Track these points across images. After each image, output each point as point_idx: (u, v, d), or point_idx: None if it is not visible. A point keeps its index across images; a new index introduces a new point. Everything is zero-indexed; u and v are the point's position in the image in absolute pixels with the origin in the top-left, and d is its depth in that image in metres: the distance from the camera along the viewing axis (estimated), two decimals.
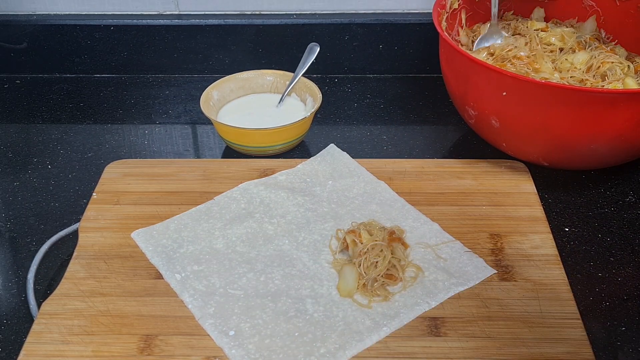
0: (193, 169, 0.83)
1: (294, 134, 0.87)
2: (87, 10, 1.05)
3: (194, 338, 0.62)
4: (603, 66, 0.84)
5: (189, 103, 1.01)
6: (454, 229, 0.73)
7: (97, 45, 1.05)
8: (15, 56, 1.06)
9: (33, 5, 1.05)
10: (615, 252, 0.73)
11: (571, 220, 0.78)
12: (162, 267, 0.69)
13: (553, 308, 0.64)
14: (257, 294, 0.66)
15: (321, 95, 0.89)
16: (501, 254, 0.70)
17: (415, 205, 0.77)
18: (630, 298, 0.68)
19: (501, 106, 0.76)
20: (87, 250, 0.71)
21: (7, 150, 0.92)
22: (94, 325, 0.63)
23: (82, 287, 0.67)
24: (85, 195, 0.81)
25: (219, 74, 0.96)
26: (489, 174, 0.81)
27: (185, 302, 0.65)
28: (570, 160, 0.80)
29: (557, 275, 0.68)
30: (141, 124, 0.97)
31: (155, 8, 1.05)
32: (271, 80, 0.95)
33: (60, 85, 1.06)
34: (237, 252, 0.71)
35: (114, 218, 0.75)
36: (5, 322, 0.67)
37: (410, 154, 0.89)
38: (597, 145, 0.75)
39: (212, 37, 1.04)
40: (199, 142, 0.94)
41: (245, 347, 0.61)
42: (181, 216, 0.75)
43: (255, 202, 0.77)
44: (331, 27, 1.02)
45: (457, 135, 0.93)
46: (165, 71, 1.08)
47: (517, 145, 0.81)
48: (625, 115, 0.71)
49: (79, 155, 0.90)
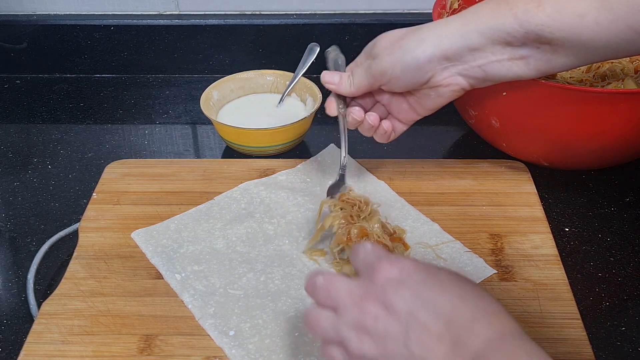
0: (193, 169, 0.83)
1: (294, 134, 0.87)
2: (87, 10, 1.05)
3: (194, 338, 0.62)
4: (603, 66, 0.84)
5: (189, 103, 1.01)
6: (454, 229, 0.73)
7: (97, 45, 1.05)
8: (15, 56, 1.06)
9: (33, 5, 1.05)
10: (615, 252, 0.73)
11: (571, 220, 0.78)
12: (162, 267, 0.69)
13: (553, 308, 0.64)
14: (257, 294, 0.66)
15: (321, 95, 0.89)
16: (501, 254, 0.70)
17: (415, 205, 0.77)
18: (630, 298, 0.68)
19: (501, 106, 0.76)
20: (87, 250, 0.71)
21: (7, 150, 0.92)
22: (94, 325, 0.63)
23: (82, 287, 0.67)
24: (85, 195, 0.81)
25: (219, 74, 0.96)
26: (489, 174, 0.81)
27: (185, 302, 0.65)
28: (570, 160, 0.80)
29: (557, 275, 0.68)
30: (141, 124, 0.97)
31: (155, 8, 1.05)
32: (271, 80, 0.95)
33: (60, 85, 1.06)
34: (237, 252, 0.71)
35: (114, 218, 0.75)
36: (5, 322, 0.67)
37: (410, 154, 0.89)
38: (597, 145, 0.75)
39: (212, 37, 1.04)
40: (199, 142, 0.94)
41: (245, 347, 0.61)
42: (181, 216, 0.75)
43: (256, 202, 0.77)
44: (331, 27, 1.02)
45: (457, 135, 0.93)
46: (165, 71, 1.08)
47: (517, 145, 0.81)
48: (625, 115, 0.71)
49: (79, 155, 0.90)
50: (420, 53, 0.65)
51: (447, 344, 0.45)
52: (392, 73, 0.66)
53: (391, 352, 0.47)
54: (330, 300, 0.50)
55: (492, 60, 0.64)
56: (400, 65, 0.65)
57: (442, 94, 0.68)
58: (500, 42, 0.62)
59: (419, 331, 0.46)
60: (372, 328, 0.48)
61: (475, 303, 0.47)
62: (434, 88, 0.67)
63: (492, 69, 0.65)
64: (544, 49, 0.62)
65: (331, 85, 0.72)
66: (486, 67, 0.65)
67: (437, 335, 0.46)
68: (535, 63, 0.63)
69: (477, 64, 0.64)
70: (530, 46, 0.62)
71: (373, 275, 0.50)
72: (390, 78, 0.67)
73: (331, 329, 0.50)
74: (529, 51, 0.63)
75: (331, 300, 0.50)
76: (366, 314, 0.48)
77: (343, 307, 0.50)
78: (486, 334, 0.45)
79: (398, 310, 0.47)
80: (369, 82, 0.69)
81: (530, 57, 0.63)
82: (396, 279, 0.49)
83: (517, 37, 0.61)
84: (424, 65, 0.65)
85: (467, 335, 0.45)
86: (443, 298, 0.47)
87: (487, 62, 0.64)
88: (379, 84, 0.69)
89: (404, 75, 0.66)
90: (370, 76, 0.68)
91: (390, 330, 0.47)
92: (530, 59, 0.63)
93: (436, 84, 0.67)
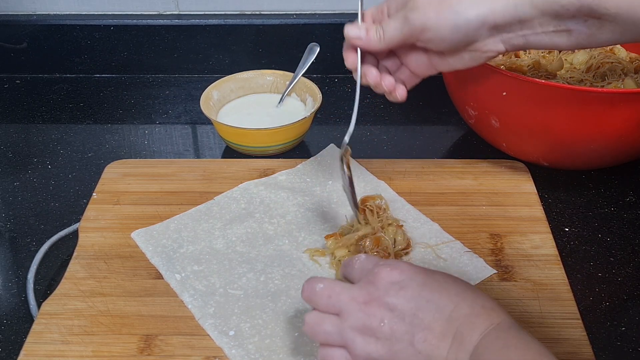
0: (193, 169, 0.83)
1: (294, 134, 0.87)
2: (87, 10, 1.05)
3: (194, 338, 0.62)
4: (603, 66, 0.84)
5: (189, 103, 1.01)
6: (454, 229, 0.73)
7: (97, 45, 1.05)
8: (15, 56, 1.06)
9: (33, 5, 1.05)
10: (615, 252, 0.73)
11: (571, 220, 0.78)
12: (162, 267, 0.69)
13: (553, 308, 0.64)
14: (257, 294, 0.66)
15: (321, 95, 0.89)
16: (501, 254, 0.70)
17: (415, 205, 0.77)
18: (630, 298, 0.68)
19: (501, 106, 0.76)
20: (87, 250, 0.71)
21: (7, 150, 0.92)
22: (94, 325, 0.63)
23: (82, 287, 0.67)
24: (85, 195, 0.81)
25: (219, 74, 0.96)
26: (489, 174, 0.81)
27: (185, 302, 0.65)
28: (570, 160, 0.80)
29: (557, 275, 0.68)
30: (141, 124, 0.97)
31: (155, 8, 1.05)
32: (271, 80, 0.95)
33: (60, 85, 1.06)
34: (237, 252, 0.71)
35: (114, 218, 0.75)
36: (5, 322, 0.67)
37: (410, 154, 0.89)
38: (597, 145, 0.75)
39: (212, 37, 1.04)
40: (199, 142, 0.94)
41: (245, 347, 0.61)
42: (181, 216, 0.75)
43: (255, 202, 0.77)
44: (331, 27, 1.02)
45: (457, 135, 0.93)
46: (165, 71, 1.08)
47: (517, 145, 0.81)
48: (625, 115, 0.71)
49: (79, 155, 0.90)
50: (474, 17, 0.59)
51: (450, 340, 0.48)
52: (436, 33, 0.60)
53: (398, 351, 0.49)
54: (332, 305, 0.52)
55: (537, 32, 0.61)
56: (449, 27, 0.60)
57: (476, 57, 0.64)
58: (551, 14, 0.60)
59: (423, 331, 0.49)
60: (378, 330, 0.50)
61: (473, 300, 0.50)
62: (472, 52, 0.63)
63: (535, 39, 0.62)
64: (591, 23, 0.59)
65: (358, 40, 0.64)
66: (530, 37, 0.62)
67: (440, 333, 0.49)
68: (577, 36, 0.61)
69: (522, 33, 0.61)
70: (578, 19, 0.59)
71: (374, 280, 0.51)
72: (432, 37, 0.61)
73: (335, 333, 0.51)
74: (575, 24, 0.60)
75: (333, 306, 0.52)
76: (371, 316, 0.50)
77: (347, 311, 0.51)
78: (484, 326, 0.48)
79: (402, 312, 0.50)
80: (404, 38, 0.62)
81: (575, 30, 0.60)
82: (398, 282, 0.51)
83: (570, 10, 0.59)
84: (473, 30, 0.60)
85: (467, 330, 0.48)
86: (443, 298, 0.50)
87: (532, 33, 0.61)
88: (414, 40, 0.62)
89: (451, 37, 0.61)
90: (407, 32, 0.61)
91: (397, 330, 0.49)
92: (574, 32, 0.60)
93: (476, 48, 0.63)
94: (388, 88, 0.67)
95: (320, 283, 0.53)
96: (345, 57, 0.67)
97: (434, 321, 0.49)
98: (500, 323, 0.49)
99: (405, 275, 0.51)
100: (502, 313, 0.50)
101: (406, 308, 0.50)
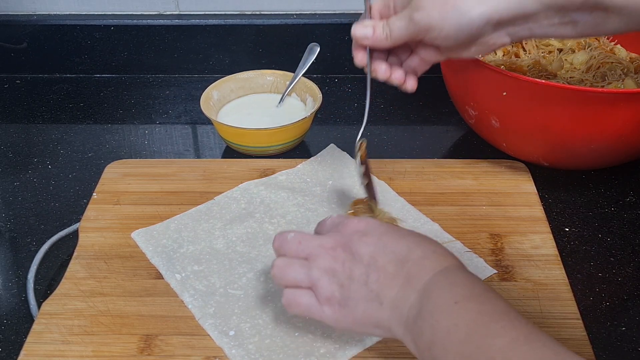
0: (193, 169, 0.83)
1: (294, 134, 0.87)
2: (87, 10, 1.05)
3: (194, 338, 0.62)
4: (603, 66, 0.84)
5: (189, 103, 1.01)
6: (454, 229, 0.73)
7: (97, 45, 1.05)
8: (15, 56, 1.06)
9: (33, 5, 1.05)
10: (615, 252, 0.73)
11: (571, 220, 0.78)
12: (162, 267, 0.69)
13: (553, 308, 0.64)
14: (258, 294, 0.66)
15: (321, 95, 0.89)
16: (501, 254, 0.70)
17: (415, 205, 0.77)
18: (630, 298, 0.68)
19: (501, 106, 0.76)
20: (87, 250, 0.71)
21: (7, 150, 0.92)
22: (94, 325, 0.63)
23: (82, 287, 0.67)
24: (85, 195, 0.81)
25: (219, 74, 0.96)
26: (489, 174, 0.81)
27: (185, 302, 0.65)
28: (570, 160, 0.80)
29: (557, 275, 0.68)
30: (141, 124, 0.97)
31: (155, 8, 1.05)
32: (271, 80, 0.95)
33: (60, 85, 1.06)
34: (237, 252, 0.71)
35: (114, 218, 0.75)
36: (5, 322, 0.67)
37: (410, 154, 0.89)
38: (597, 145, 0.75)
39: (212, 37, 1.04)
40: (199, 142, 0.94)
41: (245, 347, 0.61)
42: (181, 216, 0.75)
43: (256, 202, 0.77)
44: (331, 27, 1.02)
45: (457, 135, 0.93)
46: (165, 71, 1.08)
47: (517, 145, 0.81)
48: (625, 115, 0.71)
49: (79, 155, 0.90)
50: (478, 16, 0.60)
51: (402, 280, 0.53)
52: (440, 31, 0.61)
53: (354, 291, 0.54)
54: (302, 250, 0.56)
55: (542, 25, 0.62)
56: (454, 26, 0.61)
57: (482, 50, 0.65)
58: (556, 7, 0.60)
59: (377, 271, 0.53)
60: (340, 271, 0.54)
61: (426, 247, 0.55)
62: (478, 45, 0.64)
63: (541, 31, 0.62)
64: (597, 14, 0.59)
65: (365, 40, 0.65)
66: (535, 29, 0.62)
67: (392, 274, 0.53)
68: (583, 27, 0.61)
69: (527, 26, 0.62)
70: (584, 11, 0.60)
71: (342, 229, 0.57)
72: (437, 36, 0.62)
73: (304, 274, 0.55)
74: (580, 16, 0.60)
75: (302, 251, 0.56)
76: (336, 259, 0.55)
77: (315, 254, 0.56)
78: (434, 267, 0.52)
79: (361, 255, 0.54)
80: (410, 35, 0.63)
81: (580, 21, 0.61)
82: (362, 230, 0.56)
83: (575, 3, 0.59)
84: (478, 28, 0.61)
85: (418, 270, 0.53)
86: (400, 244, 0.54)
87: (538, 26, 0.62)
88: (421, 37, 0.63)
89: (456, 36, 0.62)
90: (413, 30, 0.63)
91: (355, 272, 0.54)
92: (579, 24, 0.61)
93: (482, 43, 0.64)
94: (398, 81, 0.69)
95: (291, 232, 0.58)
96: (355, 55, 0.68)
97: (387, 263, 0.53)
98: (449, 266, 0.53)
99: (370, 226, 0.56)
100: (452, 258, 0.54)
101: (365, 252, 0.54)
